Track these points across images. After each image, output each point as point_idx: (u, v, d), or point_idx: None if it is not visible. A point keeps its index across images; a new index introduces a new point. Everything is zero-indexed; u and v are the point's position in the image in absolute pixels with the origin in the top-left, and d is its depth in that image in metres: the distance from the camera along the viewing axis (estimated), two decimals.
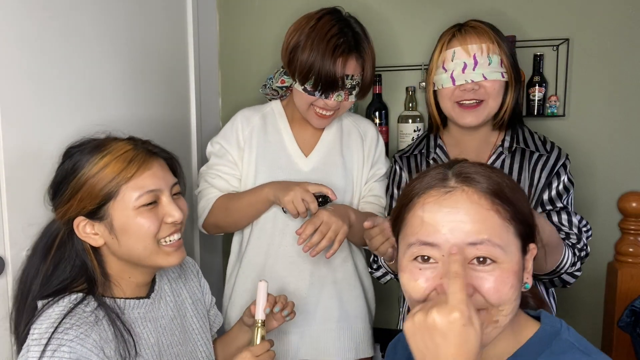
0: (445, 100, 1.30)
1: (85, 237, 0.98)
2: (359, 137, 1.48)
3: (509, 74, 1.28)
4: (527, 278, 0.75)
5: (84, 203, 0.96)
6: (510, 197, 0.72)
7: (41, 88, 1.18)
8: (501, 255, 0.69)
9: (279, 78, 1.45)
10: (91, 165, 0.96)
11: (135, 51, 1.49)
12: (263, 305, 1.12)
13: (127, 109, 1.47)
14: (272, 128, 1.45)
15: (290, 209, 1.26)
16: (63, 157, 1.02)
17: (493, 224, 0.70)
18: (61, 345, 0.87)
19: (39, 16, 1.17)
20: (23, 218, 1.14)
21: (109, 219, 0.97)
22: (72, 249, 0.99)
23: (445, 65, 1.28)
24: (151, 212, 0.98)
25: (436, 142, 1.39)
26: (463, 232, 0.69)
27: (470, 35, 1.27)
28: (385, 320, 1.89)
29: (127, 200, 0.96)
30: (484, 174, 0.73)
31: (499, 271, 0.69)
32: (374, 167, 1.48)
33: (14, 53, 1.11)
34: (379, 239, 1.13)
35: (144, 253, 0.99)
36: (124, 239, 0.98)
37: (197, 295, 1.20)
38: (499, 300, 0.69)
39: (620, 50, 1.63)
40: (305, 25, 1.32)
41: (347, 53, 1.29)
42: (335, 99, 1.33)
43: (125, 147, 0.99)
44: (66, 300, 0.94)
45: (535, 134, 1.36)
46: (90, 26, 1.32)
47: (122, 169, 0.96)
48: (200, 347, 1.16)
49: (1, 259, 1.10)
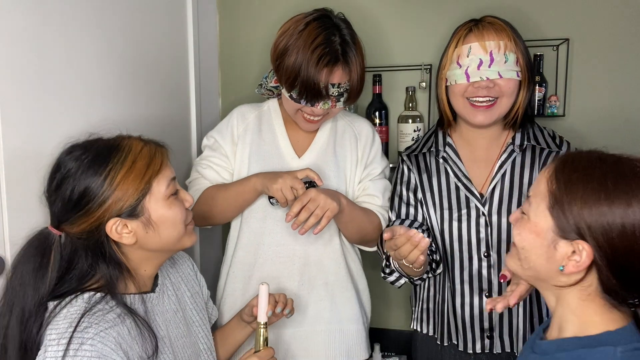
0: (458, 97, 1.29)
1: (119, 237, 0.98)
2: (353, 137, 1.47)
3: (524, 74, 1.27)
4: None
5: (120, 204, 0.96)
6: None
7: (41, 88, 1.18)
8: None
9: (273, 78, 1.44)
10: (118, 166, 0.96)
11: (135, 51, 1.49)
12: (265, 308, 1.13)
13: (127, 109, 1.47)
14: (267, 127, 1.45)
15: (279, 197, 1.25)
16: (69, 168, 0.97)
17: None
18: (83, 343, 0.87)
19: (38, 16, 1.17)
20: (23, 218, 1.14)
21: (146, 214, 0.99)
22: (87, 250, 0.97)
23: (460, 61, 1.26)
24: (177, 200, 1.04)
25: (445, 140, 1.38)
26: None
27: (488, 31, 1.25)
28: (386, 320, 1.89)
29: (159, 192, 1.00)
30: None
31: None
32: (369, 167, 1.46)
33: (13, 53, 1.11)
34: (407, 247, 1.09)
35: (177, 238, 1.04)
36: (162, 230, 1.01)
37: (195, 289, 1.22)
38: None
39: (620, 50, 1.63)
40: (292, 30, 1.30)
41: (333, 63, 1.27)
42: (321, 106, 1.32)
43: (138, 143, 1.01)
44: (80, 299, 0.94)
45: (545, 130, 1.36)
46: (90, 26, 1.32)
47: (149, 164, 0.99)
48: (201, 339, 1.17)
49: (1, 259, 1.10)
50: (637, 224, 0.74)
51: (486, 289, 1.31)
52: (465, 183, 1.33)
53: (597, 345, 0.78)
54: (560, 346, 0.83)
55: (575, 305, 0.82)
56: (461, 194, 1.33)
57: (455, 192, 1.34)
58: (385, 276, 1.35)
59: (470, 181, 1.33)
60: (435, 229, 1.35)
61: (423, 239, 1.06)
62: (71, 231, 0.97)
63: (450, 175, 1.35)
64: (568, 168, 0.81)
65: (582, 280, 0.79)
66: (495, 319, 1.31)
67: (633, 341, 0.77)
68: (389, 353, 1.84)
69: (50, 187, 0.99)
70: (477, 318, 1.32)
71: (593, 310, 0.80)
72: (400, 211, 1.40)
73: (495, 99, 1.26)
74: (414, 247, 1.08)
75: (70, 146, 1.01)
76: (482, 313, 1.32)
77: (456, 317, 1.34)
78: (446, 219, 1.33)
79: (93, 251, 0.97)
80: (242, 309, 1.25)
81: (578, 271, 0.79)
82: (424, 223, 1.38)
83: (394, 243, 1.11)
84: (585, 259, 0.77)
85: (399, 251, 1.11)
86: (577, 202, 0.77)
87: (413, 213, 1.39)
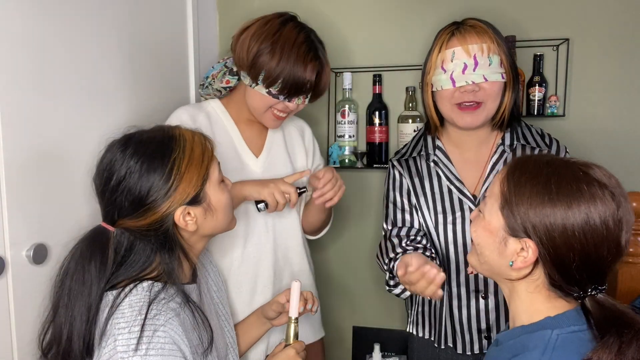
0: (445, 102, 1.29)
1: (185, 224, 0.99)
2: (298, 133, 1.55)
3: (508, 74, 1.27)
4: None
5: (186, 192, 0.97)
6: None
7: (41, 88, 1.18)
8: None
9: (223, 78, 1.44)
10: (180, 155, 0.97)
11: (135, 51, 1.49)
12: (297, 304, 1.16)
13: (127, 109, 1.46)
14: (219, 128, 1.42)
15: (271, 200, 1.30)
16: (129, 165, 0.95)
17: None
18: (156, 330, 0.88)
19: (38, 16, 1.17)
20: (23, 218, 1.14)
21: (207, 200, 1.00)
22: (149, 242, 0.97)
23: (444, 66, 1.26)
24: (225, 184, 1.06)
25: (435, 144, 1.38)
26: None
27: (470, 34, 1.25)
28: (386, 320, 1.89)
29: (215, 177, 1.02)
30: None
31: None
32: (315, 160, 1.57)
33: (13, 53, 1.11)
34: (423, 284, 1.07)
35: (228, 221, 1.07)
36: (219, 214, 1.03)
37: (219, 284, 1.23)
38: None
39: (620, 50, 1.63)
40: (267, 31, 1.33)
41: (315, 60, 1.34)
42: (296, 102, 1.37)
43: (186, 131, 1.03)
44: (140, 288, 0.94)
45: (532, 127, 1.36)
46: (90, 27, 1.32)
47: (204, 151, 1.01)
48: (227, 332, 1.18)
49: (1, 259, 1.10)
50: (576, 224, 0.80)
51: (482, 290, 1.31)
52: (458, 185, 1.33)
53: (537, 330, 0.85)
54: (509, 335, 0.90)
55: (524, 297, 0.89)
56: (454, 197, 1.33)
57: (448, 194, 1.33)
58: (390, 289, 1.33)
59: (462, 183, 1.33)
60: (432, 233, 1.35)
61: (438, 274, 1.06)
62: (134, 225, 0.96)
63: (442, 179, 1.35)
64: (518, 171, 0.87)
65: (529, 274, 0.86)
66: (492, 319, 1.31)
67: (571, 324, 0.83)
68: (389, 353, 1.84)
69: (107, 186, 0.97)
70: (474, 319, 1.32)
71: (540, 301, 0.87)
72: (395, 218, 1.39)
73: (480, 103, 1.25)
74: (430, 283, 1.07)
75: (122, 143, 0.99)
76: (479, 314, 1.32)
77: (453, 319, 1.34)
78: (440, 222, 1.33)
79: (156, 241, 0.97)
80: (266, 305, 1.26)
81: (525, 266, 0.85)
82: (420, 229, 1.37)
83: (409, 279, 1.09)
84: (531, 256, 0.84)
85: (414, 288, 1.10)
86: (524, 204, 0.83)
87: (409, 219, 1.38)
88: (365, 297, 1.92)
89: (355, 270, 1.92)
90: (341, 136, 1.81)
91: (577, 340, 0.81)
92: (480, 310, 1.31)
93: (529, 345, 0.83)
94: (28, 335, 1.13)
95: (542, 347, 0.81)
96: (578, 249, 0.80)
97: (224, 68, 1.45)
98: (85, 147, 1.27)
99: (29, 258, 1.15)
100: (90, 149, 1.32)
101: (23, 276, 1.14)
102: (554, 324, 0.84)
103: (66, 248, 0.99)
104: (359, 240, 1.90)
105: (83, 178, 1.30)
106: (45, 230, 1.19)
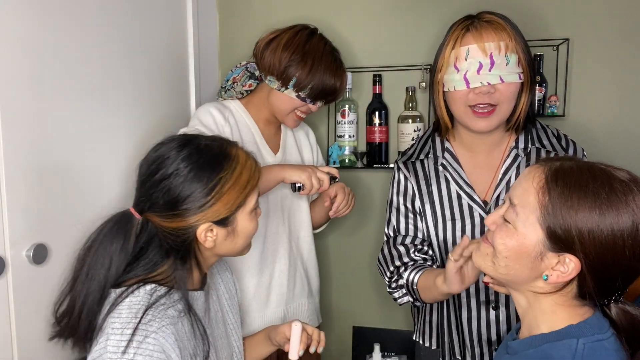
0: (458, 104, 1.21)
1: (204, 240, 0.98)
2: (304, 134, 1.68)
3: (526, 74, 1.19)
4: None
5: (218, 213, 0.96)
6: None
7: (41, 88, 1.18)
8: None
9: (246, 82, 1.54)
10: (228, 176, 0.96)
11: (135, 51, 1.49)
12: (297, 347, 1.13)
13: (127, 109, 1.47)
14: (243, 126, 1.52)
15: (308, 184, 1.38)
16: (178, 167, 0.95)
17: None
18: (147, 336, 0.87)
19: (38, 17, 1.17)
20: (23, 218, 1.14)
21: (234, 225, 1.00)
22: (166, 243, 0.97)
23: (457, 64, 1.18)
24: (256, 213, 1.05)
25: (443, 146, 1.31)
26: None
27: (486, 31, 1.16)
28: (386, 320, 1.89)
29: (250, 206, 1.01)
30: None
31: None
32: (317, 161, 1.70)
33: (14, 54, 1.11)
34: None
35: (243, 248, 1.06)
36: (239, 239, 1.02)
37: (232, 292, 1.22)
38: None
39: (620, 50, 1.63)
40: (297, 42, 1.44)
41: (339, 69, 1.49)
42: (319, 105, 1.50)
43: (242, 152, 1.01)
44: (142, 290, 0.94)
45: (548, 128, 1.30)
46: (90, 27, 1.32)
47: (250, 178, 1.00)
48: (234, 342, 1.17)
49: (1, 259, 1.10)
50: (625, 237, 0.76)
51: (493, 300, 1.25)
52: (467, 190, 1.26)
53: (560, 338, 0.81)
54: (528, 344, 0.85)
55: (547, 307, 0.85)
56: (463, 203, 1.26)
57: (457, 200, 1.27)
58: (391, 291, 1.30)
59: (472, 188, 1.26)
60: (435, 241, 1.29)
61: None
62: (159, 223, 0.97)
63: (451, 183, 1.28)
64: (561, 181, 0.80)
65: (564, 287, 0.82)
66: (503, 331, 1.25)
67: (595, 332, 0.79)
68: (389, 353, 1.84)
69: (150, 178, 0.96)
70: (484, 331, 1.26)
71: (563, 309, 0.83)
72: (399, 225, 1.34)
73: (495, 106, 1.18)
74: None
75: (180, 142, 0.99)
76: (489, 326, 1.26)
77: (462, 331, 1.28)
78: (449, 229, 1.26)
79: (173, 246, 0.97)
80: (273, 332, 1.22)
81: (563, 281, 0.81)
82: (424, 238, 1.31)
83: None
84: (572, 271, 0.79)
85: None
86: (570, 216, 0.77)
87: (412, 228, 1.32)
88: (365, 297, 1.92)
89: (356, 270, 1.92)
90: (341, 136, 1.82)
91: (602, 349, 0.78)
92: (491, 321, 1.25)
93: (554, 354, 0.80)
94: (28, 335, 1.13)
95: (569, 356, 0.78)
96: (625, 263, 0.77)
97: (246, 72, 1.56)
98: (85, 147, 1.27)
99: (29, 258, 1.15)
100: (90, 150, 1.33)
101: (23, 276, 1.14)
102: (578, 333, 0.80)
103: (66, 248, 0.99)
104: (360, 240, 1.90)
105: (83, 178, 1.30)
106: (45, 230, 1.19)
